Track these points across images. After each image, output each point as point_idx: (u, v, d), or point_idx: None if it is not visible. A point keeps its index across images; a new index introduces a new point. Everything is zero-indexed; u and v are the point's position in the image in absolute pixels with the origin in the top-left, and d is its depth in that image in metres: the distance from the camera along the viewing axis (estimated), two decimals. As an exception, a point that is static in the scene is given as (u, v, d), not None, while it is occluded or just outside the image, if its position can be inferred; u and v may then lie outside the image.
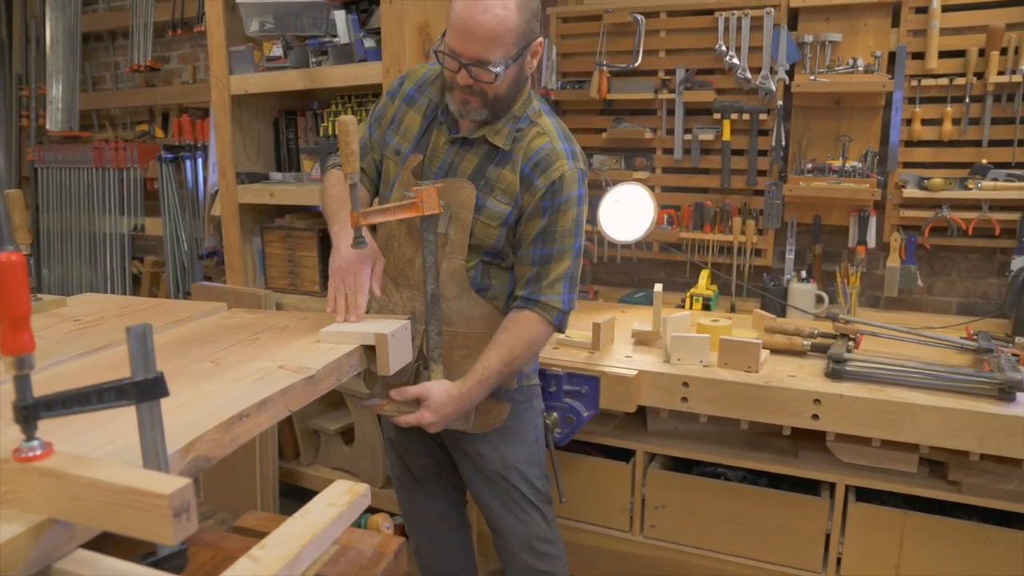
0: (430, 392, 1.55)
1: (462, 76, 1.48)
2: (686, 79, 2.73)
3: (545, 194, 1.57)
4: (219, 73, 2.90)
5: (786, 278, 2.69)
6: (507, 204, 1.59)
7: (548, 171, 1.57)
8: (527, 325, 1.61)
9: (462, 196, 1.60)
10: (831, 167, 2.52)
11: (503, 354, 1.58)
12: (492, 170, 1.60)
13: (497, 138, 1.59)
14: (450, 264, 1.63)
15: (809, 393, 1.87)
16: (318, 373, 1.24)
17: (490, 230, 1.61)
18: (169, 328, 1.58)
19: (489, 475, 1.78)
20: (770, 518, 2.08)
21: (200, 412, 1.05)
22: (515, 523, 1.81)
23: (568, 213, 1.60)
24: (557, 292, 1.62)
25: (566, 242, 1.61)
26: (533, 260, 1.62)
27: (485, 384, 1.58)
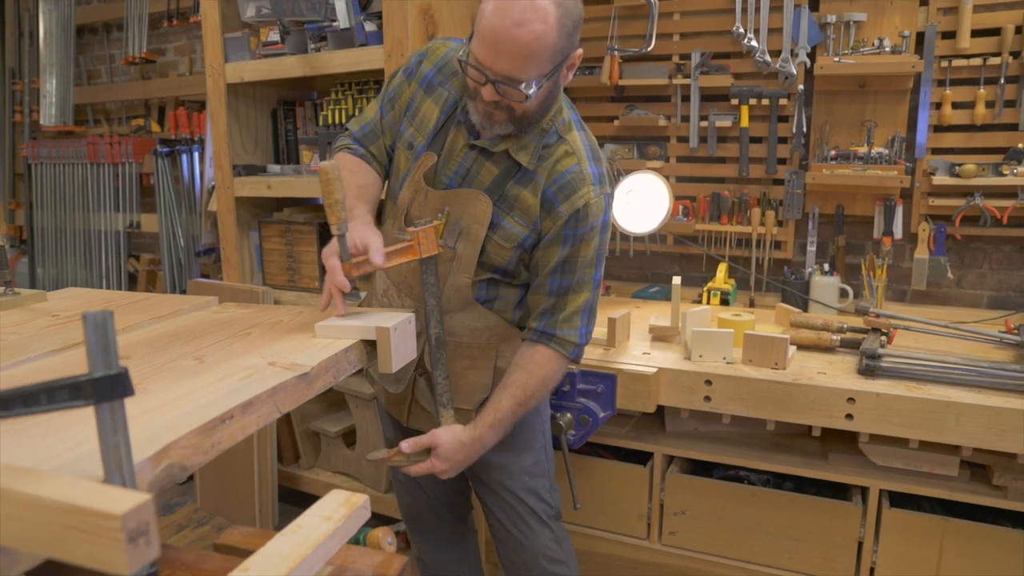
0: (439, 440, 1.44)
1: (488, 91, 1.31)
2: (702, 63, 2.60)
3: (568, 222, 1.44)
4: (214, 61, 2.79)
5: (808, 271, 2.56)
6: (525, 227, 1.46)
7: (572, 198, 1.43)
8: (541, 362, 1.49)
9: (476, 209, 1.46)
10: (856, 154, 2.40)
11: (516, 395, 1.47)
12: (512, 187, 1.45)
13: (522, 155, 1.43)
14: (456, 280, 1.50)
15: (842, 391, 1.74)
16: (312, 370, 1.12)
17: (503, 251, 1.48)
18: (153, 323, 1.46)
19: (492, 486, 1.67)
20: (798, 525, 1.95)
21: (177, 414, 0.93)
22: (522, 540, 1.68)
23: (591, 243, 1.47)
24: (574, 326, 1.50)
25: (586, 273, 1.48)
26: (551, 291, 1.49)
27: (498, 427, 1.47)
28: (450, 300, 1.51)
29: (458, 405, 1.57)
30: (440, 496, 1.83)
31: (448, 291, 1.51)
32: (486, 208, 1.45)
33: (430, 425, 1.60)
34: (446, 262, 1.49)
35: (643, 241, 2.79)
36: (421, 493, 1.82)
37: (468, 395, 1.57)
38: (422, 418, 1.63)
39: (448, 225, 1.47)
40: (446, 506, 1.85)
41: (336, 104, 2.72)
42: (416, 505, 1.85)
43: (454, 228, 1.47)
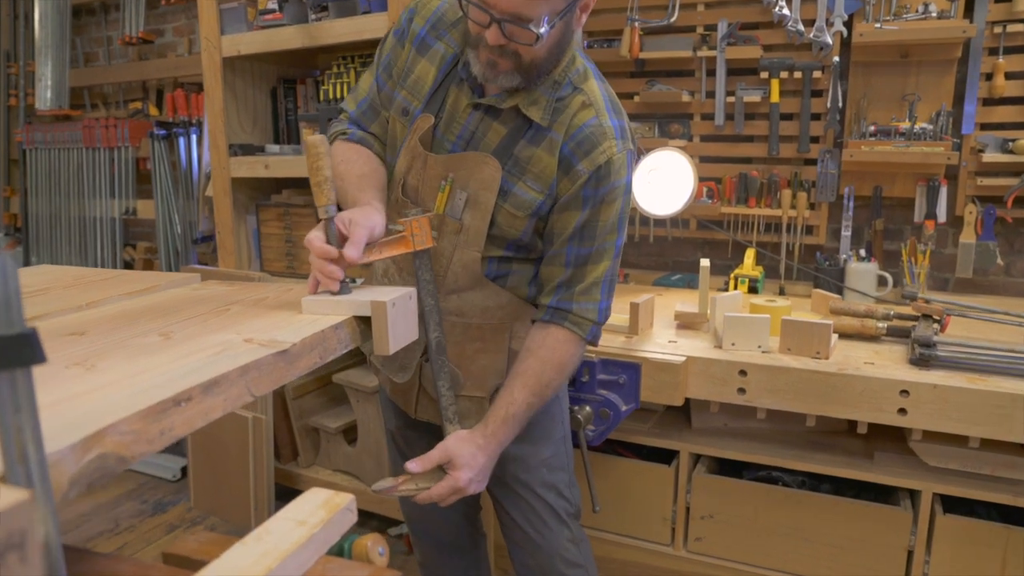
0: (453, 451, 1.26)
1: (492, 33, 1.15)
2: (729, 34, 2.42)
3: (587, 182, 1.27)
4: (209, 33, 2.63)
5: (843, 257, 2.38)
6: (539, 192, 1.29)
7: (592, 154, 1.26)
8: (555, 346, 1.32)
9: (484, 175, 1.28)
10: (897, 129, 2.21)
11: (530, 385, 1.30)
12: (524, 148, 1.28)
13: (533, 110, 1.26)
14: (464, 255, 1.33)
15: (894, 383, 1.56)
16: (294, 348, 0.95)
17: (516, 221, 1.31)
18: (123, 299, 1.29)
19: (507, 480, 1.49)
20: (840, 531, 1.77)
21: (123, 394, 0.76)
22: (538, 540, 1.50)
23: (613, 205, 1.30)
24: (593, 299, 1.32)
25: (607, 240, 1.31)
26: (568, 261, 1.32)
27: (512, 422, 1.30)
28: (458, 278, 1.34)
29: (470, 392, 1.40)
30: None
31: (455, 267, 1.34)
32: (495, 172, 1.28)
33: (438, 420, 1.43)
34: (452, 235, 1.32)
35: (664, 226, 2.61)
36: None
37: (480, 381, 1.40)
38: (431, 409, 1.45)
39: (452, 194, 1.30)
40: (454, 507, 1.67)
41: (338, 78, 2.55)
42: (421, 507, 1.66)
43: (459, 197, 1.30)
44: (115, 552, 2.65)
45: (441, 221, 1.32)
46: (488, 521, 1.89)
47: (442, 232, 1.32)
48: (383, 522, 2.71)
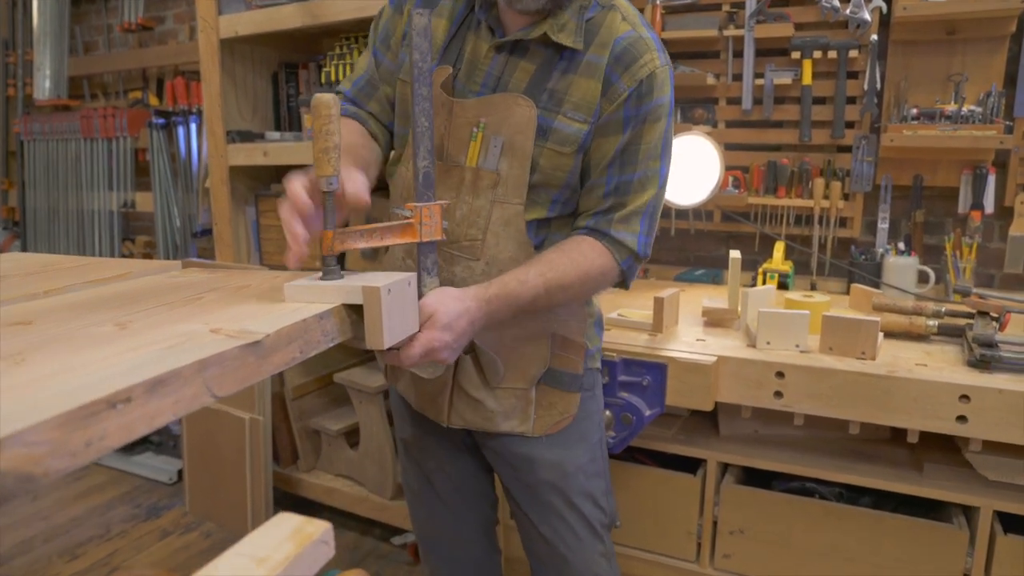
0: (433, 305, 1.03)
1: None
2: (758, 11, 2.26)
3: (629, 99, 1.13)
4: (206, 13, 2.50)
5: (879, 251, 2.21)
6: (583, 122, 1.15)
7: (632, 67, 1.13)
8: (586, 251, 1.17)
9: (517, 117, 1.14)
10: (943, 112, 2.04)
11: (545, 273, 1.13)
12: (558, 79, 1.15)
13: (563, 35, 1.13)
14: (504, 211, 1.18)
15: (953, 387, 1.39)
16: (266, 339, 0.80)
17: (563, 160, 1.17)
18: (87, 287, 1.15)
19: (538, 489, 1.33)
20: (886, 551, 1.60)
21: (44, 395, 0.61)
22: (567, 555, 1.35)
23: (656, 125, 1.16)
24: (632, 230, 1.18)
25: (651, 166, 1.17)
26: (607, 191, 1.18)
27: (511, 301, 1.11)
28: (498, 240, 1.18)
29: (511, 384, 1.26)
30: (465, 510, 1.49)
31: (495, 227, 1.18)
32: (528, 112, 1.14)
33: (479, 421, 1.28)
34: (488, 190, 1.17)
35: (686, 218, 2.44)
36: (440, 505, 1.48)
37: (523, 371, 1.25)
38: (468, 412, 1.29)
39: (486, 142, 1.16)
40: (472, 522, 1.51)
41: (340, 59, 2.41)
42: (433, 520, 1.51)
43: (494, 144, 1.15)
44: (104, 559, 2.52)
45: (475, 176, 1.18)
46: (501, 537, 1.74)
47: (479, 189, 1.18)
48: (387, 530, 2.56)
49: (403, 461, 1.51)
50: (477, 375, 1.26)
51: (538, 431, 1.29)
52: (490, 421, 1.28)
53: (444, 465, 1.43)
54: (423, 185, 1.06)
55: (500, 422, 1.28)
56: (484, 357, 1.24)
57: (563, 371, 1.29)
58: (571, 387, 1.30)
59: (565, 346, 1.28)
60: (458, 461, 1.43)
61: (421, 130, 1.05)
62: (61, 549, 2.58)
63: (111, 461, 3.16)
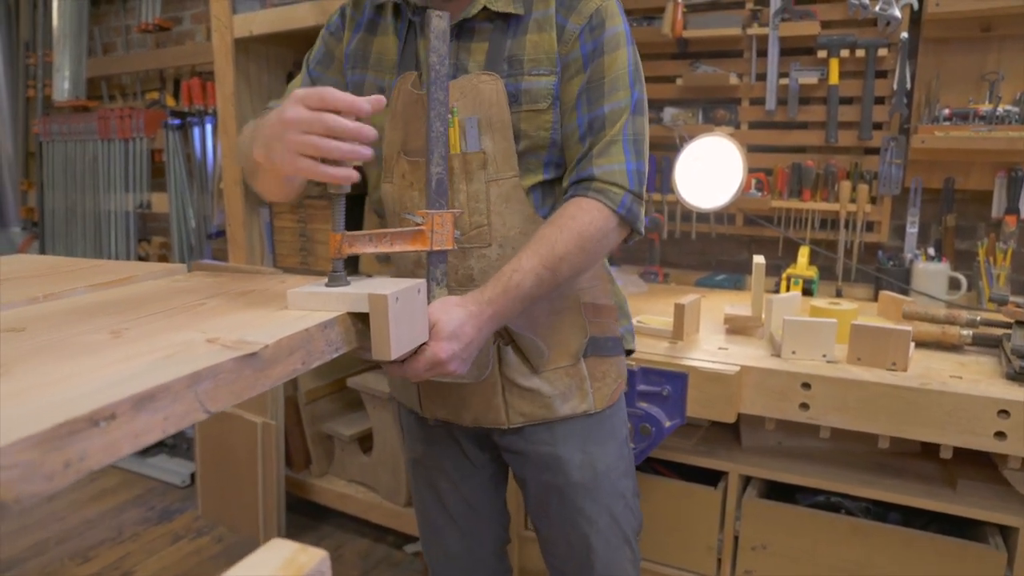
0: (435, 315, 1.00)
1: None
2: (783, 9, 2.19)
3: (582, 35, 1.13)
4: (220, 12, 2.47)
5: (908, 257, 2.14)
6: (549, 74, 1.14)
7: (579, 6, 1.13)
8: (575, 212, 1.10)
9: (485, 93, 1.13)
10: (977, 112, 1.97)
11: (541, 252, 1.07)
12: (512, 45, 1.14)
13: (500, 4, 1.12)
14: (501, 187, 1.15)
15: (991, 401, 1.32)
16: (265, 350, 0.76)
17: (542, 117, 1.14)
18: (88, 291, 1.12)
19: (567, 491, 1.26)
20: (915, 570, 1.53)
21: (22, 411, 0.57)
22: (596, 565, 1.29)
23: (615, 55, 1.13)
24: (615, 160, 1.12)
25: (620, 96, 1.13)
26: (582, 133, 1.14)
27: (514, 293, 1.06)
28: (503, 219, 1.15)
29: (558, 363, 1.22)
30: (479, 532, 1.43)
31: (497, 205, 1.15)
32: (496, 86, 1.12)
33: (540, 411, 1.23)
34: (479, 171, 1.14)
35: (707, 221, 2.38)
36: (454, 529, 1.41)
37: (565, 347, 1.22)
38: (525, 406, 1.23)
39: (463, 125, 1.13)
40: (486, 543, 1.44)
41: (355, 59, 2.37)
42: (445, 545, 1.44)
43: (471, 124, 1.13)
44: (116, 563, 2.50)
45: (463, 161, 1.14)
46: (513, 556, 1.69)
47: (470, 174, 1.14)
48: (399, 538, 2.52)
49: (413, 480, 1.45)
50: (522, 363, 1.21)
51: (599, 405, 1.25)
52: (549, 408, 1.23)
53: (457, 484, 1.37)
54: (436, 192, 1.02)
55: (559, 406, 1.23)
56: (524, 341, 1.19)
57: (604, 337, 1.26)
58: (614, 351, 1.28)
59: (598, 312, 1.25)
60: (472, 479, 1.37)
61: (436, 135, 1.01)
62: (73, 552, 2.57)
63: (125, 463, 3.15)
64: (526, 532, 1.92)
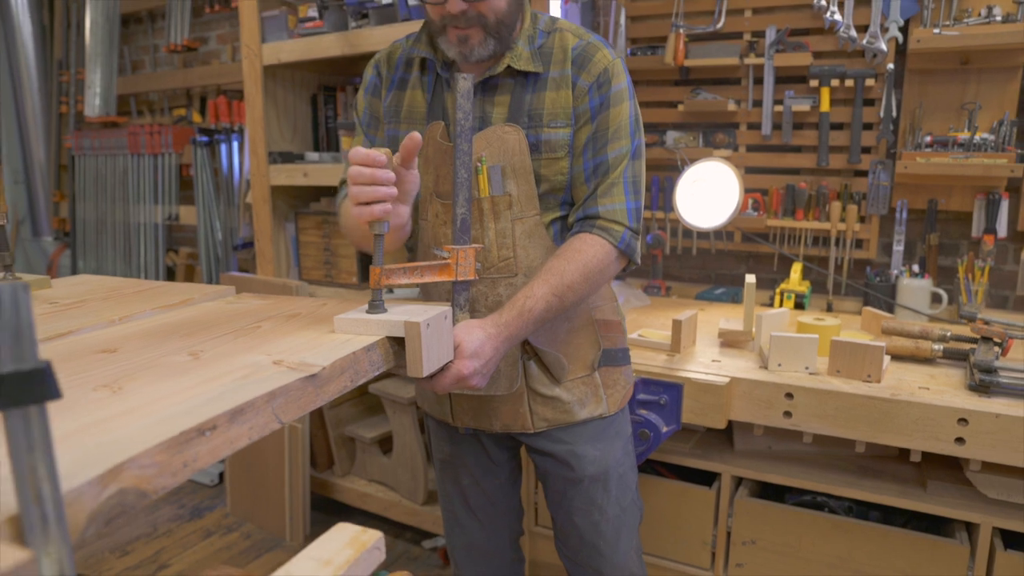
0: (458, 337, 1.15)
1: (451, 2, 1.21)
2: (777, 41, 2.35)
3: (591, 91, 1.30)
4: (250, 41, 2.64)
5: (894, 273, 2.29)
6: (565, 126, 1.31)
7: (589, 66, 1.30)
8: (581, 247, 1.28)
9: (510, 142, 1.30)
10: (956, 140, 2.11)
11: (551, 281, 1.24)
12: (532, 100, 1.31)
13: (523, 63, 1.29)
14: (525, 224, 1.33)
15: (952, 410, 1.48)
16: (323, 371, 0.92)
17: (559, 164, 1.32)
18: (156, 313, 1.28)
19: (582, 483, 1.44)
20: (890, 564, 1.69)
21: (145, 423, 0.73)
22: (606, 553, 1.47)
23: (619, 108, 1.30)
24: (616, 199, 1.30)
25: (621, 144, 1.31)
26: (587, 175, 1.32)
27: (527, 317, 1.22)
28: (527, 252, 1.33)
29: (577, 374, 1.40)
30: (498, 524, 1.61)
31: (522, 240, 1.33)
32: (518, 136, 1.30)
33: (561, 416, 1.40)
34: (506, 211, 1.32)
35: (707, 238, 2.54)
36: (475, 523, 1.60)
37: (582, 360, 1.40)
38: (548, 412, 1.40)
39: (489, 172, 1.30)
40: (503, 535, 1.63)
41: (377, 86, 2.54)
42: (467, 537, 1.62)
43: (497, 172, 1.30)
44: (152, 556, 2.67)
45: (492, 203, 1.31)
46: (525, 547, 1.85)
47: (497, 214, 1.32)
48: (417, 534, 2.68)
49: (439, 478, 1.63)
50: (544, 375, 1.39)
51: (612, 409, 1.44)
52: (569, 413, 1.41)
53: (479, 481, 1.55)
54: (460, 230, 1.18)
55: (578, 411, 1.41)
56: (547, 357, 1.36)
57: (614, 349, 1.44)
58: (623, 361, 1.47)
59: (608, 327, 1.43)
60: (492, 477, 1.56)
61: (461, 180, 1.17)
62: (112, 546, 2.75)
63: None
64: (537, 528, 2.08)
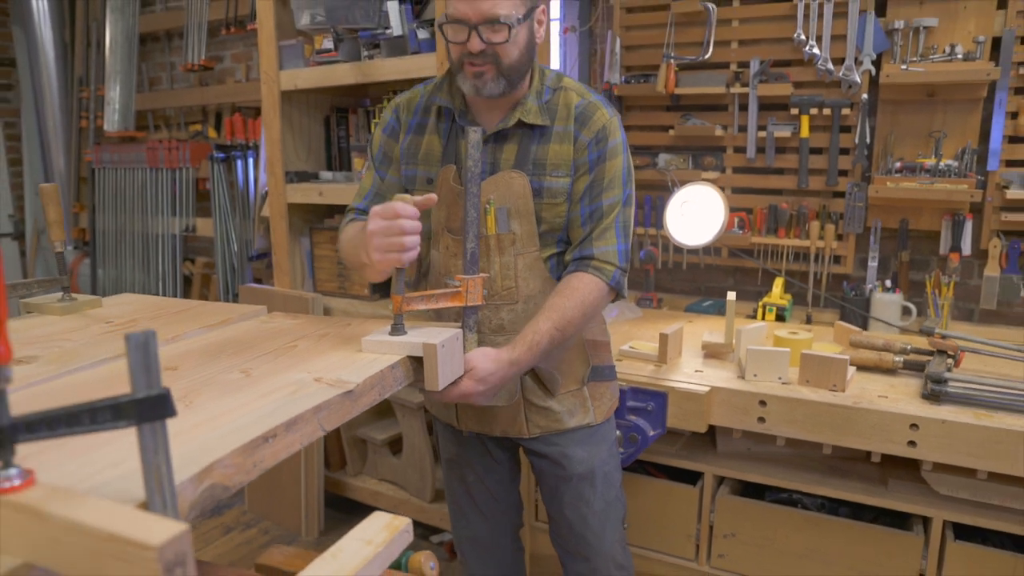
0: (474, 361, 1.34)
1: (473, 42, 1.38)
2: (761, 71, 2.53)
3: (590, 146, 1.48)
4: (269, 68, 2.82)
5: (868, 287, 2.47)
6: (565, 176, 1.49)
7: (589, 123, 1.48)
8: (579, 287, 1.47)
9: (516, 187, 1.48)
10: (923, 166, 2.30)
11: (554, 318, 1.43)
12: (537, 150, 1.49)
13: (531, 116, 1.48)
14: (526, 259, 1.52)
15: (905, 417, 1.66)
16: (357, 388, 1.11)
17: (557, 208, 1.50)
18: (203, 332, 1.47)
19: (571, 480, 1.64)
20: (854, 553, 1.87)
21: (220, 432, 0.92)
22: (594, 543, 1.66)
23: (614, 161, 1.49)
24: (609, 242, 1.49)
25: (614, 193, 1.50)
26: (583, 220, 1.50)
27: (535, 350, 1.41)
28: (527, 282, 1.52)
29: (568, 387, 1.59)
30: (500, 517, 1.81)
31: (523, 273, 1.52)
32: (523, 182, 1.48)
33: (552, 424, 1.60)
34: (510, 247, 1.51)
35: (697, 253, 2.72)
36: (479, 516, 1.80)
37: (573, 375, 1.59)
38: (541, 420, 1.60)
39: (498, 213, 1.49)
40: (504, 526, 1.83)
41: (388, 112, 2.72)
42: (472, 529, 1.83)
43: (503, 213, 1.49)
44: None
45: (497, 240, 1.50)
46: (525, 538, 2.03)
47: (503, 248, 1.50)
48: (426, 530, 2.86)
49: (446, 475, 1.83)
50: (540, 388, 1.58)
51: (599, 419, 1.63)
52: (560, 422, 1.60)
53: (482, 478, 1.75)
54: (470, 262, 1.37)
55: (568, 420, 1.60)
56: (543, 372, 1.56)
57: (601, 365, 1.64)
58: (610, 376, 1.66)
59: (597, 347, 1.63)
60: (494, 475, 1.75)
61: (471, 219, 1.36)
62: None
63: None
64: (537, 523, 2.26)
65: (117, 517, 0.61)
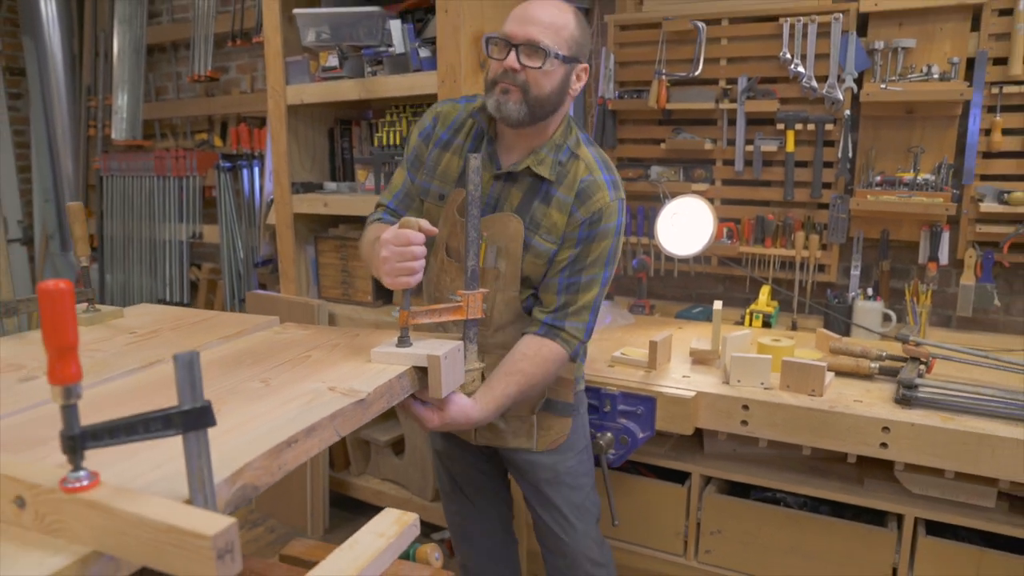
0: (449, 410, 1.47)
1: (510, 59, 1.47)
2: (748, 88, 2.64)
3: (583, 224, 1.57)
4: (275, 83, 2.93)
5: (851, 295, 2.58)
6: (552, 243, 1.59)
7: (588, 203, 1.56)
8: (549, 356, 1.58)
9: (510, 230, 1.59)
10: (901, 180, 2.41)
11: (521, 383, 1.56)
12: (538, 207, 1.59)
13: (542, 168, 1.57)
14: (504, 295, 1.63)
15: (877, 420, 1.77)
16: (368, 396, 1.22)
17: (538, 267, 1.60)
18: (221, 343, 1.57)
19: (539, 486, 1.76)
20: (833, 549, 1.98)
21: (248, 437, 1.03)
22: (566, 540, 1.77)
23: (602, 243, 1.58)
24: (582, 320, 1.60)
25: (596, 271, 1.59)
26: (559, 289, 1.60)
27: (499, 410, 1.55)
28: (502, 314, 1.63)
29: (519, 413, 1.69)
30: (486, 507, 1.93)
31: (499, 306, 1.63)
32: (518, 227, 1.58)
33: (496, 439, 1.72)
34: (492, 281, 1.61)
35: (688, 262, 2.83)
36: (467, 503, 1.92)
37: (527, 403, 1.68)
38: (487, 433, 1.73)
39: (488, 248, 1.59)
40: (493, 517, 1.95)
41: (391, 126, 2.83)
42: (462, 515, 1.95)
43: (492, 251, 1.59)
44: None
45: (483, 273, 1.60)
46: (520, 530, 2.15)
47: (485, 279, 1.60)
48: (427, 527, 2.97)
49: (436, 467, 1.97)
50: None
51: (540, 448, 1.73)
52: (503, 439, 1.73)
53: (468, 470, 1.88)
54: (470, 279, 1.48)
55: (510, 439, 1.73)
56: None
57: (557, 400, 1.72)
58: (564, 413, 1.74)
59: (558, 382, 1.71)
60: (480, 467, 1.88)
61: (471, 240, 1.47)
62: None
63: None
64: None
65: (173, 512, 0.72)
